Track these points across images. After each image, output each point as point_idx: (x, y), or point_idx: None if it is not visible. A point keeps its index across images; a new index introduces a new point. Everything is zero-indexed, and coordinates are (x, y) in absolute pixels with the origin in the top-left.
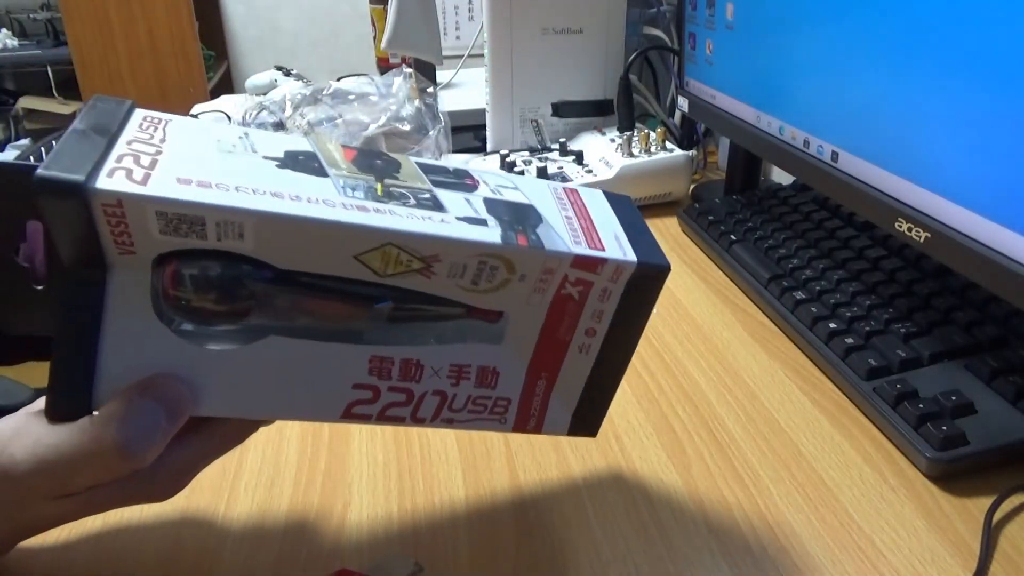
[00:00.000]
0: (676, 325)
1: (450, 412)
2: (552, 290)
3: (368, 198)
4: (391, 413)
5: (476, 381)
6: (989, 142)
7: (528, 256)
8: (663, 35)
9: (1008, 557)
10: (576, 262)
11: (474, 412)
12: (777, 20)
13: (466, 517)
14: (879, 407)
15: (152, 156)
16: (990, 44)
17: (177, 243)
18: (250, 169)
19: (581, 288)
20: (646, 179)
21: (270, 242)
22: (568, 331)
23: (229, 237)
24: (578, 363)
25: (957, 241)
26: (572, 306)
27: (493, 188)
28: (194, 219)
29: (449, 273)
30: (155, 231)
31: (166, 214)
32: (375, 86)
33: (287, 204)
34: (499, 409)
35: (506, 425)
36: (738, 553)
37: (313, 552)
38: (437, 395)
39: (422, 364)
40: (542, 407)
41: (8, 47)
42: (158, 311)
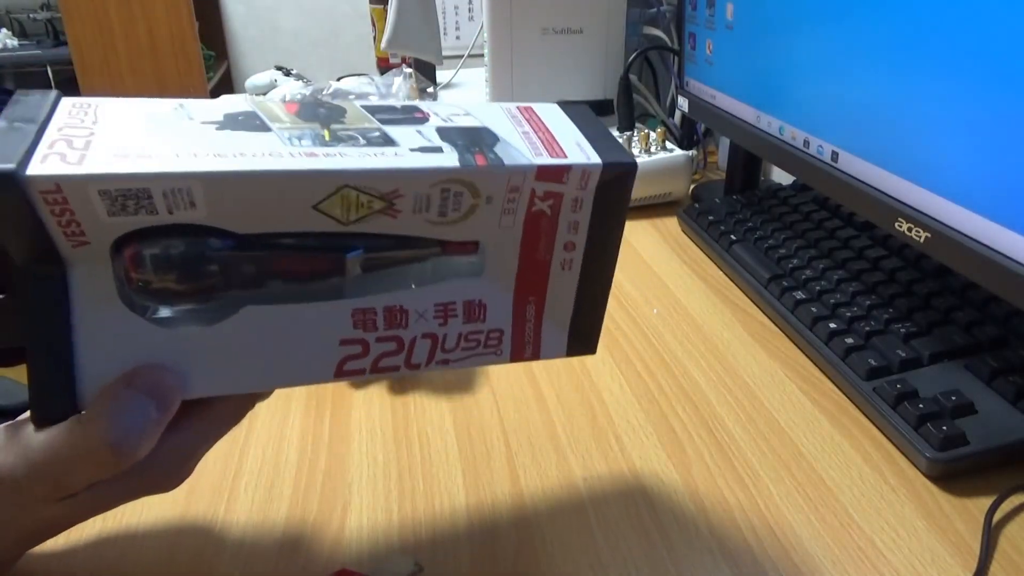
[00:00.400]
0: (676, 325)
1: (444, 353)
2: (523, 209)
3: (316, 144)
4: (384, 364)
5: (464, 317)
6: (989, 142)
7: (489, 175)
8: (663, 35)
9: (1008, 557)
10: (540, 173)
11: (468, 349)
12: (777, 20)
13: (466, 517)
14: (879, 407)
15: (85, 138)
16: (990, 44)
17: (128, 223)
18: (190, 135)
19: (551, 202)
20: (646, 179)
21: (223, 205)
22: (547, 250)
23: (180, 207)
24: (563, 281)
25: (957, 241)
26: (546, 222)
27: (444, 117)
28: (140, 192)
29: (414, 208)
30: (102, 213)
31: (109, 192)
32: (375, 86)
33: (232, 161)
34: (492, 342)
35: (503, 356)
36: (738, 553)
37: (313, 552)
38: (428, 338)
39: (406, 309)
40: (536, 332)
41: (8, 47)
42: (127, 301)
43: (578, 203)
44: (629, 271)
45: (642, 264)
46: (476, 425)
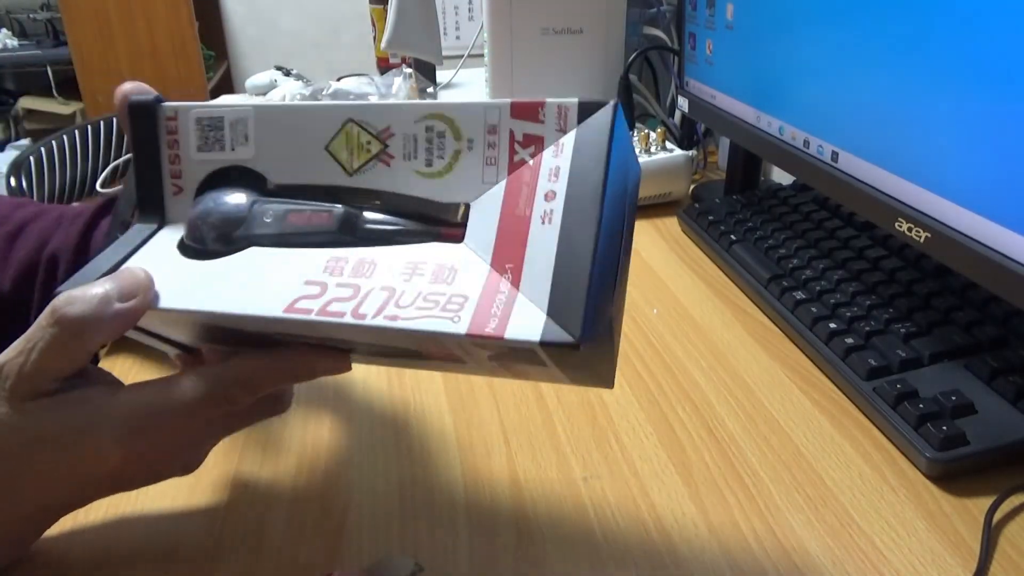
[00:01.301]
0: (676, 325)
1: (396, 308)
2: (505, 159)
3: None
4: (332, 308)
5: (431, 278)
6: (989, 142)
7: (466, 110)
8: (663, 35)
9: (1008, 557)
10: (515, 110)
11: (423, 310)
12: (777, 20)
13: (466, 517)
14: (879, 407)
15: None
16: (990, 44)
17: (207, 160)
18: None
19: (532, 149)
20: (646, 179)
21: (264, 141)
22: (528, 204)
23: (239, 142)
24: (543, 237)
25: (957, 241)
26: (527, 174)
27: None
28: (217, 122)
29: (404, 153)
30: (194, 148)
31: (202, 120)
32: (375, 86)
33: (271, 104)
34: (453, 306)
35: (459, 325)
36: (738, 553)
37: (313, 552)
38: (385, 291)
39: (375, 263)
40: (507, 303)
41: (8, 47)
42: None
43: (559, 148)
44: (629, 271)
45: (642, 264)
46: (476, 425)
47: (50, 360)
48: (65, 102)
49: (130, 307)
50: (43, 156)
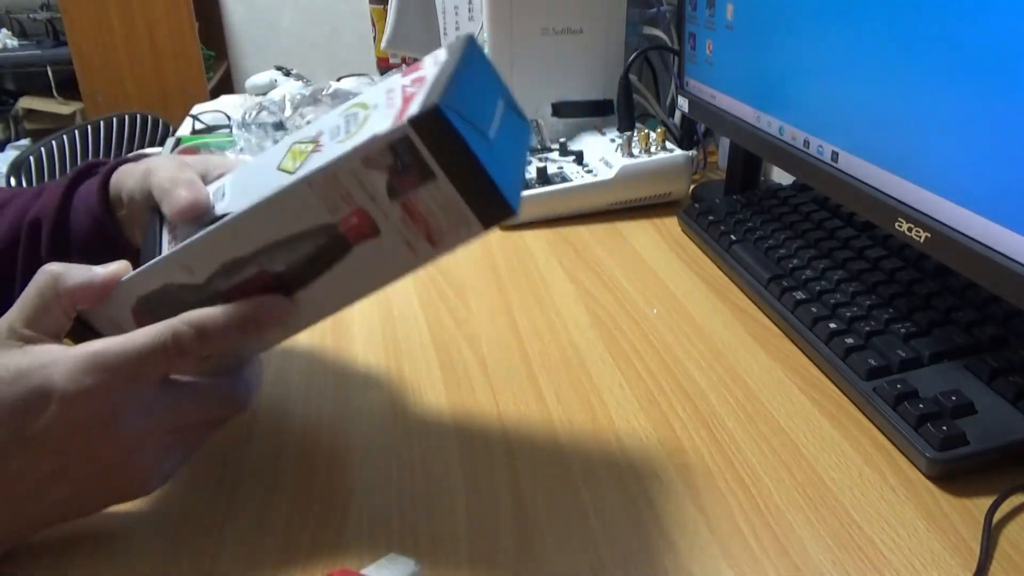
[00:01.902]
0: (676, 325)
1: (317, 155)
2: (399, 95)
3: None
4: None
5: (343, 135)
6: (989, 142)
7: (372, 91)
8: (663, 35)
9: (1008, 557)
10: (405, 72)
11: (335, 146)
12: (777, 20)
13: (466, 517)
14: (879, 407)
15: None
16: (990, 44)
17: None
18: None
19: (417, 85)
20: (646, 179)
21: (235, 190)
22: (416, 84)
23: (219, 200)
24: (429, 80)
25: (957, 241)
26: (414, 85)
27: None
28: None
29: (331, 136)
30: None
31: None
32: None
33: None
34: (361, 136)
35: (347, 146)
36: (738, 553)
37: (313, 552)
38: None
39: (322, 133)
40: (399, 116)
41: (8, 47)
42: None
43: (436, 61)
44: (629, 271)
45: (642, 264)
46: (476, 425)
47: (28, 306)
48: (65, 102)
49: (107, 271)
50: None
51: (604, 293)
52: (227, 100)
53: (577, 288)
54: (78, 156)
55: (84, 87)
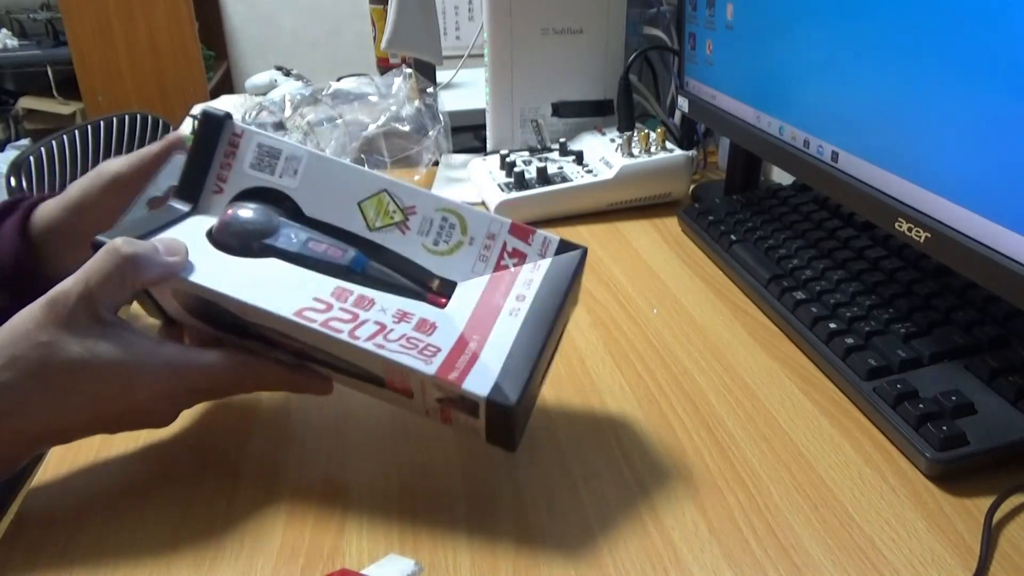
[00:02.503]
0: (676, 325)
1: (383, 340)
2: (494, 259)
3: None
4: (333, 324)
5: (415, 326)
6: (989, 142)
7: (476, 216)
8: (663, 35)
9: (1008, 557)
10: (512, 229)
11: (404, 348)
12: (777, 20)
13: (466, 517)
14: (879, 407)
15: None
16: (990, 44)
17: (256, 178)
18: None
19: (516, 260)
20: (646, 179)
21: (308, 179)
22: (503, 297)
23: (288, 174)
24: (507, 325)
25: (957, 241)
26: (508, 277)
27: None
28: (275, 152)
29: (419, 230)
30: (247, 164)
31: (262, 146)
32: (375, 86)
33: (324, 155)
34: (428, 352)
35: (431, 367)
36: (738, 553)
37: (313, 552)
38: (377, 325)
39: (375, 301)
40: (469, 363)
41: (8, 47)
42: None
43: (536, 267)
44: (629, 271)
45: (642, 264)
46: None
47: (108, 289)
48: (65, 102)
49: (171, 262)
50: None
51: (604, 293)
52: (227, 100)
53: None
54: (78, 156)
55: (84, 87)
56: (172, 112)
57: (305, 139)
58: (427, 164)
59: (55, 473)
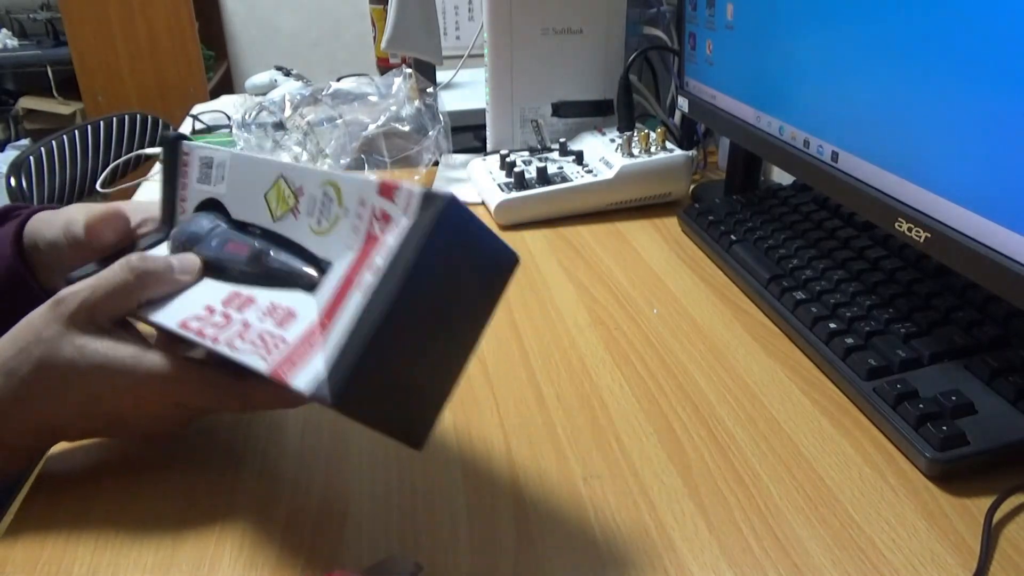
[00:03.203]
0: (676, 325)
1: (240, 341)
2: (364, 228)
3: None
4: (205, 331)
5: (277, 321)
6: (989, 142)
7: (350, 182)
8: (663, 35)
9: (1008, 557)
10: (380, 189)
11: (254, 346)
12: (777, 20)
13: (466, 517)
14: (879, 407)
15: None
16: (990, 44)
17: (200, 191)
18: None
19: (384, 224)
20: (646, 179)
21: (233, 181)
22: (359, 272)
23: (219, 180)
24: (353, 303)
25: (957, 241)
26: (371, 248)
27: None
28: (209, 161)
29: (307, 211)
30: (194, 179)
31: (202, 158)
32: (375, 86)
33: (240, 153)
34: (273, 348)
35: (267, 365)
36: (738, 553)
37: (313, 552)
38: (242, 325)
39: (254, 299)
40: (309, 355)
41: (8, 47)
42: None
43: (398, 229)
44: (629, 271)
45: (642, 264)
46: (476, 425)
47: (112, 300)
48: (65, 102)
49: (182, 280)
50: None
51: (604, 293)
52: (227, 100)
53: (577, 288)
54: (78, 156)
55: (84, 87)
56: (172, 112)
57: (305, 139)
58: (427, 164)
59: (55, 473)
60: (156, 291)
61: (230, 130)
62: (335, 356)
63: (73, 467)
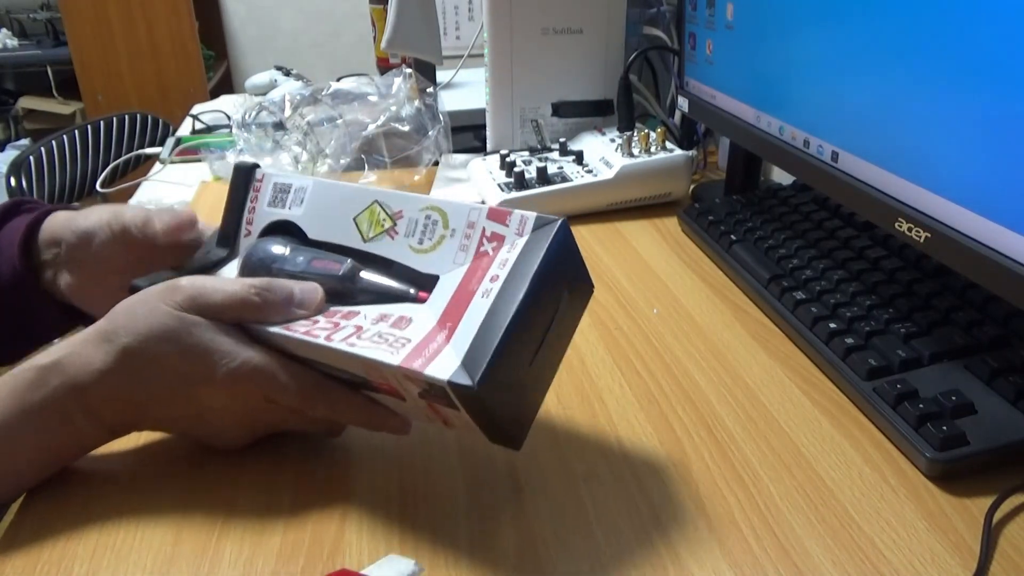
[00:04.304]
0: (676, 325)
1: (356, 339)
2: (474, 247)
3: None
4: (313, 332)
5: (391, 324)
6: (989, 142)
7: (456, 208)
8: (663, 35)
9: (1008, 557)
10: (490, 214)
11: (374, 343)
12: (777, 20)
13: (466, 517)
14: (879, 407)
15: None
16: (989, 44)
17: (272, 213)
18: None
19: (495, 244)
20: (646, 179)
21: (313, 206)
22: (478, 282)
23: (295, 204)
24: (479, 307)
25: (957, 241)
26: (485, 262)
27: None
28: (286, 187)
29: (406, 232)
30: (266, 203)
31: (277, 184)
32: (375, 86)
33: (326, 181)
34: (398, 345)
35: (395, 357)
36: (738, 553)
37: (313, 552)
38: (355, 327)
39: (358, 312)
40: (438, 348)
41: (8, 47)
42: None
43: (513, 246)
44: (629, 271)
45: (642, 264)
46: None
47: (227, 309)
48: (65, 102)
49: (299, 314)
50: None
51: (604, 293)
52: (227, 100)
53: None
54: (78, 156)
55: (84, 87)
56: (172, 112)
57: (305, 139)
58: (427, 164)
59: (55, 474)
60: (272, 319)
61: (230, 130)
62: (468, 349)
63: (73, 468)
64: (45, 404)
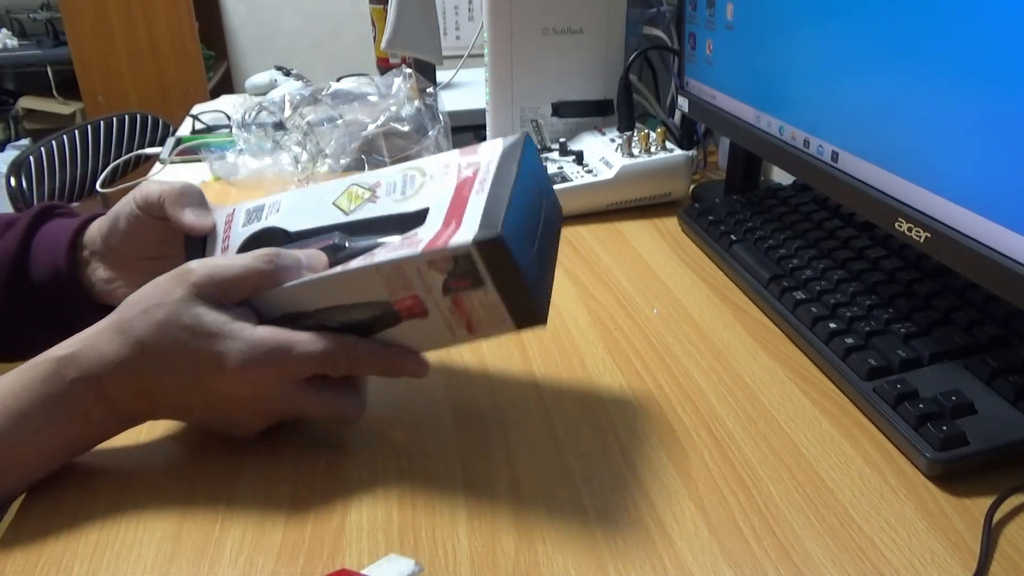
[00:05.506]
0: (676, 325)
1: (371, 258)
2: (454, 175)
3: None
4: (327, 271)
5: (400, 241)
6: (989, 142)
7: (431, 160)
8: (663, 35)
9: (1008, 557)
10: (462, 151)
11: (391, 252)
12: (777, 20)
13: (466, 518)
14: (879, 407)
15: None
16: (990, 44)
17: (245, 231)
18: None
19: (474, 168)
20: (646, 179)
21: (290, 208)
22: (469, 190)
23: (272, 213)
24: (477, 200)
25: (957, 241)
26: (470, 179)
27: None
28: (258, 208)
29: (387, 192)
30: (239, 225)
31: (249, 209)
32: (375, 86)
33: (301, 188)
34: (413, 243)
35: (418, 248)
36: (738, 553)
37: (313, 552)
38: (369, 254)
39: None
40: (450, 235)
41: (8, 47)
42: None
43: (490, 163)
44: (629, 271)
45: (642, 264)
46: (476, 425)
47: (243, 283)
48: (65, 102)
49: (306, 278)
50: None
51: (604, 293)
52: (227, 100)
53: (577, 288)
54: (78, 156)
55: (84, 87)
56: (172, 112)
57: (305, 139)
58: None
59: (54, 473)
60: (285, 280)
61: (230, 130)
62: (482, 217)
63: (73, 467)
64: (61, 397)
